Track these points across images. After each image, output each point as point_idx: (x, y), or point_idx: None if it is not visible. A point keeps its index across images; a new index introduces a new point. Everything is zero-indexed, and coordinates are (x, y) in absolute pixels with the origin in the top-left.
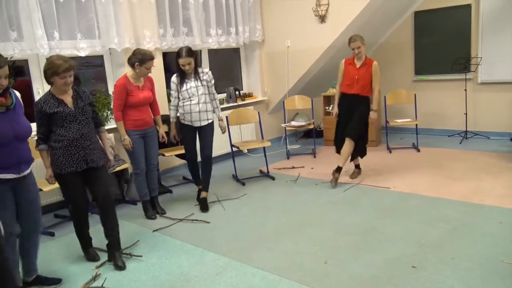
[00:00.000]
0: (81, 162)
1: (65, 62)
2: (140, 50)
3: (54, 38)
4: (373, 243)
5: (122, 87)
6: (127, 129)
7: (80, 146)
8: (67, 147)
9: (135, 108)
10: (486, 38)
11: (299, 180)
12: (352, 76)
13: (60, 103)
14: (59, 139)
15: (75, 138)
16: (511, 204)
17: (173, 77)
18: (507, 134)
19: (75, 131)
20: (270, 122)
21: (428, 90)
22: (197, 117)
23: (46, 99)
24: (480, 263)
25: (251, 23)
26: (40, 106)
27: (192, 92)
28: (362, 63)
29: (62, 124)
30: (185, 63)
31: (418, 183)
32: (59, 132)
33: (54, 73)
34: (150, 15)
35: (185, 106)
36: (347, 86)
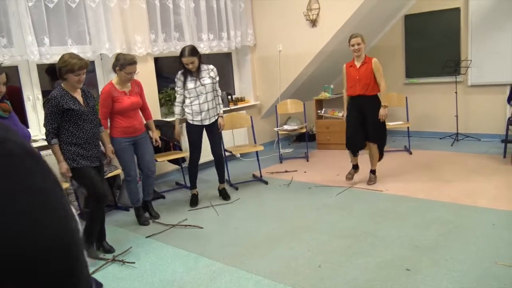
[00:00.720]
0: (95, 159)
1: (79, 60)
2: (122, 55)
3: (45, 44)
4: (367, 246)
5: (107, 94)
6: (115, 136)
7: (93, 144)
8: (82, 144)
9: (123, 115)
10: (475, 41)
11: (292, 184)
12: (353, 77)
13: (75, 100)
14: (74, 137)
15: (89, 137)
16: (503, 206)
17: (179, 74)
18: (497, 136)
19: (89, 130)
20: (263, 126)
21: (419, 93)
22: (206, 115)
23: (62, 94)
24: (474, 265)
25: (243, 27)
26: (58, 101)
27: (200, 91)
28: (362, 62)
29: (76, 122)
30: (188, 62)
31: (411, 185)
32: (72, 130)
33: (69, 70)
34: (141, 20)
35: (194, 106)
36: (350, 89)
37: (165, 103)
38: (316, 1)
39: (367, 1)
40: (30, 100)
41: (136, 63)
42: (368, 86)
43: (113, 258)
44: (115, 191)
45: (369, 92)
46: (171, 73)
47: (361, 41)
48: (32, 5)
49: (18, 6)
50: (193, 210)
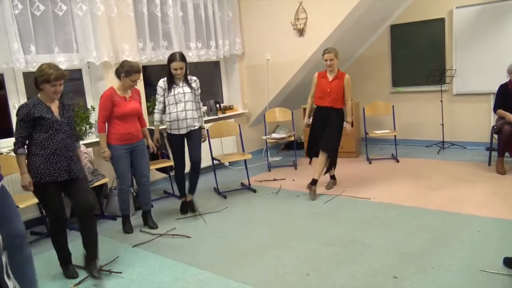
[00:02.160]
0: (62, 172)
1: (56, 70)
2: (127, 62)
3: (31, 52)
4: (355, 254)
5: (107, 98)
6: (112, 143)
7: (63, 155)
8: (50, 155)
9: (122, 120)
10: (459, 51)
11: (280, 192)
12: (324, 89)
13: (48, 110)
14: (43, 147)
15: (59, 148)
16: (488, 213)
17: (160, 81)
18: (482, 144)
19: (60, 140)
20: (251, 135)
21: (405, 102)
22: (184, 124)
23: (35, 103)
24: (460, 272)
25: (231, 36)
26: (29, 109)
27: (179, 98)
28: (334, 76)
29: (47, 131)
30: (178, 67)
31: (398, 193)
32: (42, 139)
33: (45, 80)
34: (129, 28)
35: (172, 114)
36: (319, 99)
37: (153, 112)
38: (303, 11)
39: (354, 11)
40: (16, 108)
41: (141, 71)
42: (337, 100)
43: (100, 268)
44: (102, 200)
45: (337, 105)
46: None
47: (334, 56)
48: (18, 13)
49: (4, 14)
50: (181, 218)
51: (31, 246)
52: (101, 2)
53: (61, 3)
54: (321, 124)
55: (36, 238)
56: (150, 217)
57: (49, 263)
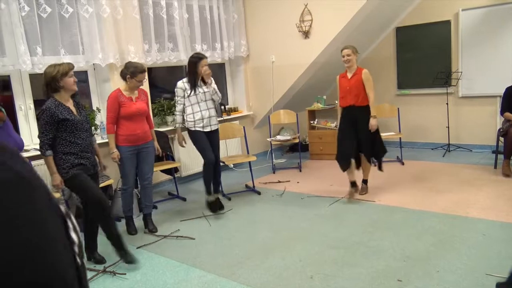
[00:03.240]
0: (90, 167)
1: (65, 63)
2: (132, 63)
3: (37, 53)
4: (359, 257)
5: (114, 99)
6: (119, 145)
7: (90, 151)
8: (79, 152)
9: (129, 120)
10: (465, 53)
11: (285, 194)
12: (345, 87)
13: (69, 110)
14: (71, 146)
15: (85, 145)
16: (494, 216)
17: (179, 83)
18: (488, 146)
19: (85, 138)
20: (256, 137)
21: (410, 104)
22: (208, 122)
23: (56, 105)
24: (465, 276)
25: (236, 38)
26: (52, 112)
27: (201, 98)
28: (353, 73)
29: (72, 132)
30: (206, 64)
31: (403, 196)
32: (70, 139)
33: (63, 74)
34: (135, 30)
35: (196, 113)
36: (342, 99)
37: (158, 113)
38: (308, 13)
39: (360, 13)
40: (22, 110)
41: (146, 71)
42: (358, 96)
43: (104, 269)
44: None
45: (360, 102)
46: (164, 84)
47: (352, 52)
48: (25, 15)
49: (11, 16)
50: (185, 220)
51: None
52: (107, 4)
53: (67, 5)
54: (349, 124)
55: None
56: (150, 221)
57: None
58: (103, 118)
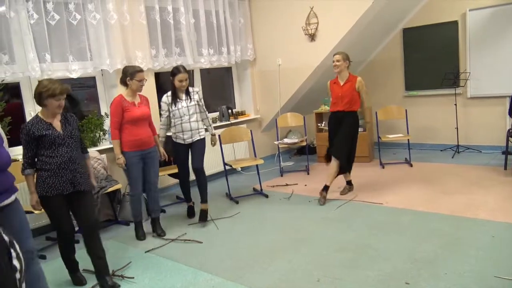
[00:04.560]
0: (67, 185)
1: (60, 85)
2: (127, 67)
3: (46, 60)
4: (366, 259)
5: (117, 104)
6: (124, 150)
7: (68, 168)
8: (55, 169)
9: (133, 125)
10: (473, 54)
11: (292, 197)
12: (337, 94)
13: (49, 126)
14: (47, 162)
15: (63, 161)
16: (503, 218)
17: (164, 97)
18: (498, 147)
19: (64, 154)
20: (263, 140)
21: (419, 105)
22: (189, 135)
23: (34, 122)
24: (474, 278)
25: (242, 42)
26: (28, 129)
27: (183, 112)
28: (346, 80)
29: (50, 147)
30: (183, 78)
31: (411, 198)
32: (47, 155)
33: (50, 95)
34: (142, 36)
35: (177, 126)
36: (333, 105)
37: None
38: (314, 16)
39: (366, 15)
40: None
41: (143, 70)
42: (350, 103)
43: (112, 273)
44: (115, 206)
45: (349, 108)
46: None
47: (341, 58)
48: (34, 23)
49: (21, 24)
50: (193, 224)
51: (46, 251)
52: (114, 10)
53: (75, 12)
54: (335, 129)
55: (51, 244)
56: (158, 225)
57: (63, 269)
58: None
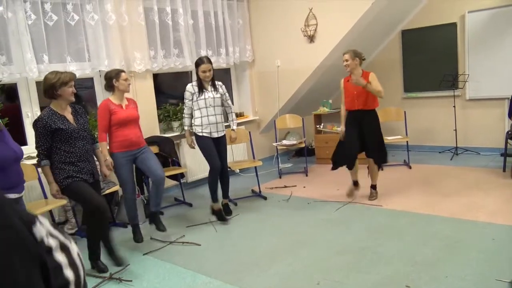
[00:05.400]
0: (88, 175)
1: (67, 72)
2: (108, 72)
3: (44, 61)
4: (366, 262)
5: (104, 107)
6: (113, 151)
7: (87, 160)
8: (76, 162)
9: (121, 127)
10: (472, 56)
11: (291, 199)
12: (351, 92)
13: (64, 119)
14: (67, 155)
15: (82, 154)
16: (503, 220)
17: (189, 85)
18: (497, 149)
19: (81, 147)
20: (262, 141)
21: (417, 107)
22: (215, 128)
23: (49, 115)
24: (474, 281)
25: (241, 43)
26: (45, 122)
27: (209, 103)
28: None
29: (67, 141)
30: (207, 69)
31: (410, 200)
32: (65, 149)
33: (63, 83)
34: (140, 37)
35: (203, 118)
36: (349, 103)
37: (164, 119)
38: (313, 17)
39: (365, 17)
40: (29, 117)
41: (124, 71)
42: (366, 101)
43: (110, 276)
44: (113, 208)
45: (368, 106)
46: (170, 89)
47: (350, 57)
48: (32, 23)
49: (18, 24)
50: (191, 226)
51: None
52: (112, 11)
53: (73, 13)
54: (355, 128)
55: None
56: (158, 219)
57: None
58: None
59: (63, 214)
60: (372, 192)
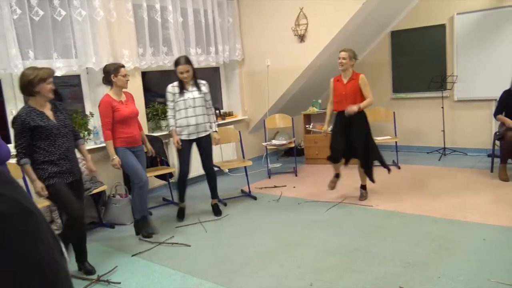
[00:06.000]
0: (68, 174)
1: (46, 68)
2: (107, 65)
3: (29, 57)
4: (359, 263)
5: (107, 104)
6: (117, 146)
7: (67, 159)
8: (56, 160)
9: (123, 124)
10: (461, 57)
11: (281, 199)
12: (340, 92)
13: (43, 116)
14: (47, 153)
15: (62, 151)
16: (493, 221)
17: (169, 86)
18: (484, 150)
19: (61, 145)
20: (251, 141)
21: (406, 108)
22: (194, 129)
23: (28, 112)
24: (467, 282)
25: (231, 42)
26: (23, 119)
27: (189, 103)
28: (349, 78)
29: (47, 138)
30: (184, 70)
31: (400, 200)
32: (44, 147)
33: (41, 80)
34: (129, 34)
35: (182, 119)
36: (337, 104)
37: (152, 118)
38: (304, 17)
39: (355, 17)
40: (13, 115)
41: (124, 66)
42: (355, 102)
43: (98, 278)
44: (100, 208)
45: None
46: (158, 88)
47: (348, 56)
48: (17, 18)
49: (3, 19)
50: (180, 226)
51: None
52: (100, 7)
53: (60, 8)
54: (343, 129)
55: None
56: (148, 222)
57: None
58: (96, 122)
59: (49, 214)
60: (362, 193)
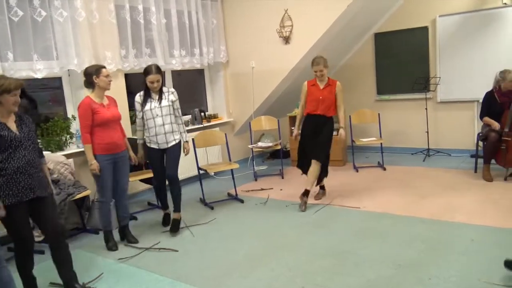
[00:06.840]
0: (27, 191)
1: (14, 80)
2: (88, 68)
3: (8, 59)
4: (350, 266)
5: (87, 106)
6: (96, 154)
7: (26, 173)
8: (12, 174)
9: (104, 128)
10: (443, 59)
11: (268, 202)
12: (316, 97)
13: (3, 126)
14: (3, 167)
15: (21, 165)
16: (480, 221)
17: (137, 96)
18: (466, 151)
19: (21, 157)
20: (236, 143)
21: (390, 110)
22: (163, 139)
23: None
24: (458, 282)
25: (215, 44)
26: None
27: (156, 113)
28: (326, 84)
29: (6, 150)
30: (155, 79)
31: (387, 202)
32: (2, 159)
33: (5, 91)
34: (111, 35)
35: (150, 129)
36: (311, 107)
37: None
38: (289, 18)
39: (340, 19)
40: None
41: (105, 67)
42: (329, 108)
43: (83, 286)
44: (83, 213)
45: (329, 113)
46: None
47: (323, 67)
48: None
49: None
50: (167, 231)
51: (8, 263)
52: (82, 8)
53: (40, 8)
54: (313, 133)
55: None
56: (129, 232)
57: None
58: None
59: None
60: (319, 192)
